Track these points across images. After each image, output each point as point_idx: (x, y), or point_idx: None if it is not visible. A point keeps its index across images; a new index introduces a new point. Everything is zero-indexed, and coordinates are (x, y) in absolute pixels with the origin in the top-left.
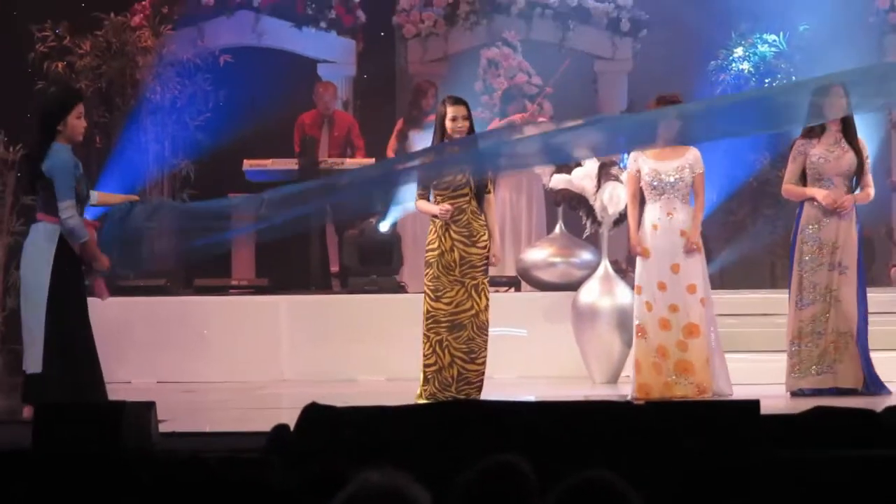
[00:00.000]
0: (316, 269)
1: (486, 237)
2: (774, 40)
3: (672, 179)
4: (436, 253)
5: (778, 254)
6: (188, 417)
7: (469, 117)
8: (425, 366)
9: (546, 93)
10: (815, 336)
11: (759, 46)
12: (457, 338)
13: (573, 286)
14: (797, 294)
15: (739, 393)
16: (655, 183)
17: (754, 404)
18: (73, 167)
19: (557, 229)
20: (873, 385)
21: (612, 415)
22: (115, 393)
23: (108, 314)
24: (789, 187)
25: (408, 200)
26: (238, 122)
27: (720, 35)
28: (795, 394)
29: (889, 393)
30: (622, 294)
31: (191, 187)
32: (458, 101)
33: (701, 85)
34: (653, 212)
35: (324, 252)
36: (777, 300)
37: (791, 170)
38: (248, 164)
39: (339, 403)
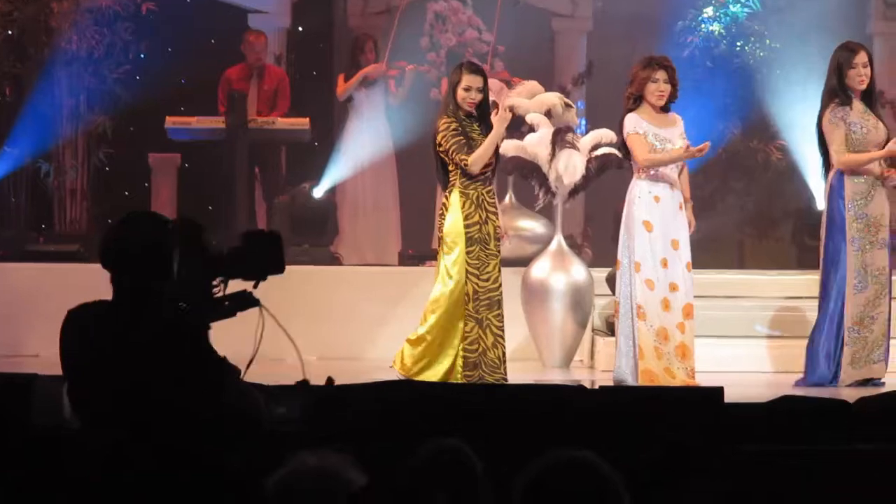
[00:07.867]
0: None
1: None
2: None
3: (678, 146)
4: (476, 228)
5: (747, 232)
6: None
7: (484, 89)
8: (467, 350)
9: (498, 51)
10: (870, 321)
11: (731, 6)
12: (497, 315)
13: (524, 262)
14: (855, 277)
15: (705, 380)
16: (662, 148)
17: (718, 392)
18: None
19: (507, 199)
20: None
21: (563, 400)
22: (22, 366)
23: (15, 281)
24: (852, 156)
25: (346, 168)
26: (160, 76)
27: None
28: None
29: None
30: (577, 271)
31: (107, 145)
32: (475, 70)
33: (667, 47)
34: (656, 181)
35: (251, 218)
36: (745, 282)
37: (839, 138)
38: (170, 122)
39: (268, 382)
